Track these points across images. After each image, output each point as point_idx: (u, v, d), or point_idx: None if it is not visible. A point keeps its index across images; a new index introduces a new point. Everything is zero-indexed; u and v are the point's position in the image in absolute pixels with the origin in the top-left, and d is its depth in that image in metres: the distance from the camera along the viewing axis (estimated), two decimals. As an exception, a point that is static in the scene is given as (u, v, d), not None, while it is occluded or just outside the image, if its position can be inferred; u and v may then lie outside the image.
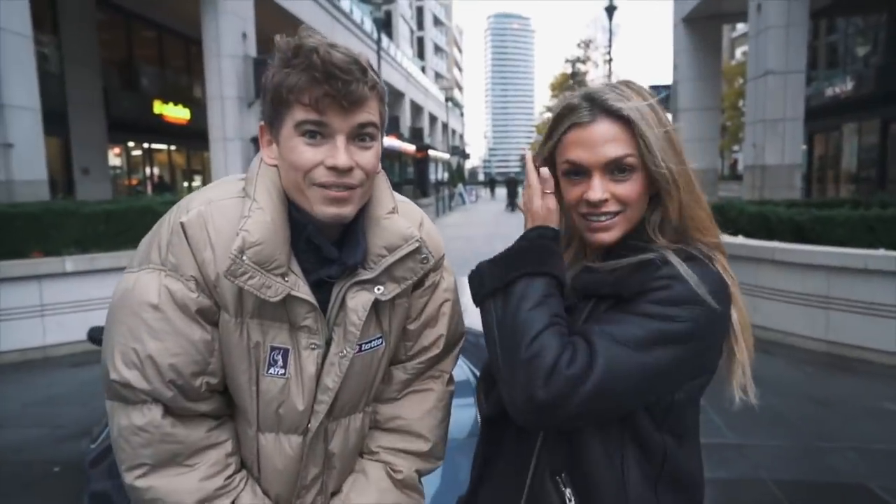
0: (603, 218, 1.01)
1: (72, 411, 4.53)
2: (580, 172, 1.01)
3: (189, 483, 1.01)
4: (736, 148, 43.90)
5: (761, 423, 4.09)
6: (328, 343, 1.08)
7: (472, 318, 1.17)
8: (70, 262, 5.99)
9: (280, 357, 1.05)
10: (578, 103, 1.01)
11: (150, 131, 18.42)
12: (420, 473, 1.22)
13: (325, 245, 1.05)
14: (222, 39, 12.77)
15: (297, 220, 1.04)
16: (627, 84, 1.03)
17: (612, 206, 1.00)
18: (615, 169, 0.99)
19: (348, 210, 1.01)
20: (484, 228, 19.20)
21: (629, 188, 0.99)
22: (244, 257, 0.96)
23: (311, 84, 0.94)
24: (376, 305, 1.10)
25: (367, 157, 1.01)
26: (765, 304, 6.14)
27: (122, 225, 6.30)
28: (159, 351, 0.98)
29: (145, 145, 19.36)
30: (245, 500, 1.07)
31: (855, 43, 19.06)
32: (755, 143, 13.97)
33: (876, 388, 4.80)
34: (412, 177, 22.99)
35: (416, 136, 35.29)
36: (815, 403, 4.55)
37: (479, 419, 1.21)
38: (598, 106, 0.99)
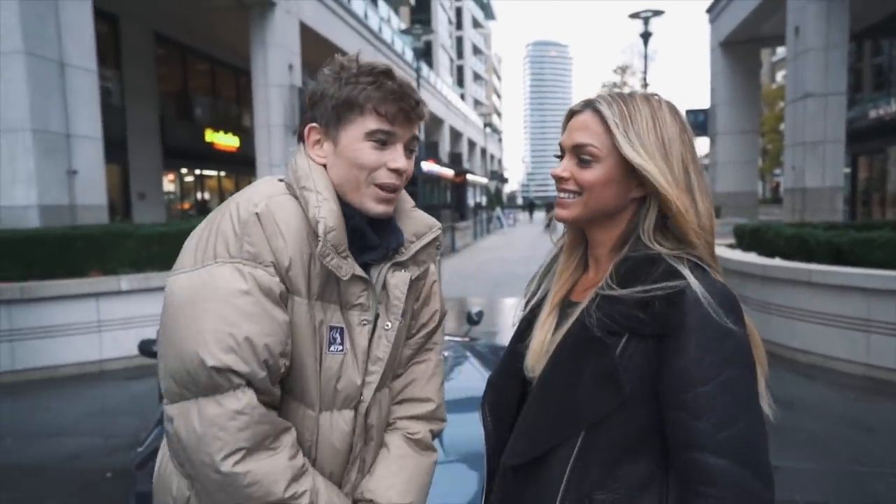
0: (563, 195, 1.08)
1: (124, 422, 4.68)
2: (562, 152, 1.11)
3: (280, 463, 1.05)
4: (777, 171, 42.94)
5: (797, 446, 3.99)
6: (376, 319, 1.19)
7: (506, 335, 1.22)
8: (125, 281, 6.23)
9: (338, 335, 1.14)
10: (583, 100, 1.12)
11: (201, 158, 18.98)
12: (433, 433, 1.33)
13: (369, 233, 1.16)
14: (270, 71, 13.19)
15: (344, 212, 1.14)
16: (645, 95, 1.07)
17: (570, 186, 1.07)
18: (579, 154, 1.06)
19: (392, 208, 1.18)
20: (520, 252, 19.16)
21: (588, 175, 1.04)
22: (328, 239, 1.07)
23: (387, 99, 1.10)
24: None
25: (411, 164, 1.18)
26: (803, 327, 6.00)
27: (174, 246, 6.47)
28: (256, 333, 1.03)
29: (197, 171, 19.94)
30: (319, 479, 1.13)
31: (899, 65, 18.55)
32: (795, 165, 13.70)
33: (919, 412, 4.64)
34: (450, 201, 23.18)
35: (454, 161, 35.60)
36: (853, 427, 4.41)
37: (485, 434, 1.22)
38: (589, 101, 1.09)
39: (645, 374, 0.96)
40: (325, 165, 1.16)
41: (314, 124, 1.16)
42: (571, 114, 1.11)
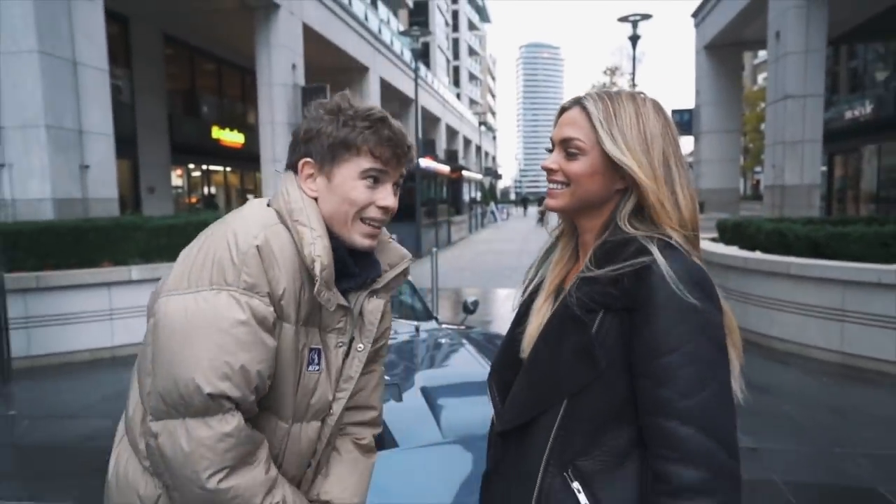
0: (552, 185, 1.10)
1: (136, 405, 4.70)
2: (552, 146, 1.13)
3: (258, 477, 1.08)
4: (758, 169, 43.01)
5: (776, 429, 4.04)
6: (350, 342, 1.24)
7: (500, 324, 1.24)
8: (136, 271, 6.23)
9: (316, 356, 1.18)
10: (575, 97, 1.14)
11: (208, 154, 18.92)
12: (374, 437, 1.41)
13: (351, 264, 1.20)
14: (274, 70, 13.15)
15: (332, 246, 1.16)
16: (631, 94, 1.09)
17: (559, 177, 1.09)
18: (567, 147, 1.08)
19: (376, 242, 1.22)
20: (514, 244, 19.19)
21: (575, 167, 1.07)
22: (321, 277, 1.10)
23: (382, 143, 1.14)
24: None
25: (396, 201, 1.21)
26: (781, 317, 6.04)
27: (182, 238, 6.52)
28: (250, 360, 1.04)
29: (204, 167, 19.88)
30: (287, 487, 1.17)
31: (875, 68, 18.61)
32: (774, 164, 13.74)
33: (890, 397, 4.69)
34: (446, 196, 23.18)
35: (450, 157, 35.51)
36: (829, 411, 4.46)
37: (490, 397, 1.24)
38: (577, 98, 1.11)
39: (620, 347, 0.98)
40: (315, 199, 1.16)
41: (308, 159, 1.16)
42: (562, 110, 1.13)
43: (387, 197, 1.16)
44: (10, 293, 5.52)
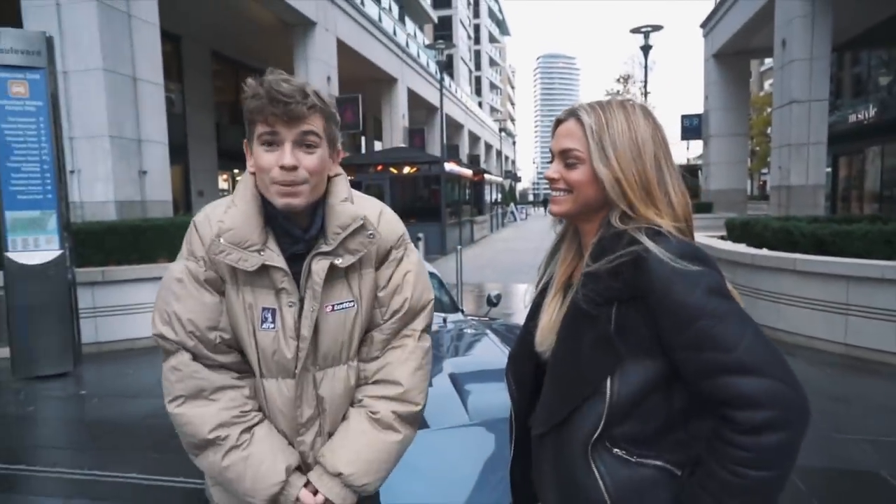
0: (555, 193, 1.11)
1: (190, 388, 4.80)
2: (552, 155, 1.13)
3: (210, 411, 1.17)
4: (765, 170, 42.04)
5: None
6: (302, 302, 1.20)
7: (520, 316, 1.25)
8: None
9: (269, 315, 1.19)
10: (569, 108, 1.13)
11: (251, 160, 19.18)
12: (398, 414, 1.26)
13: (291, 228, 1.20)
14: (310, 82, 13.25)
15: (271, 213, 1.20)
16: (621, 102, 1.08)
17: (560, 185, 1.09)
18: (566, 158, 1.08)
19: (297, 201, 1.16)
20: (531, 243, 19.08)
21: (575, 175, 1.07)
22: (221, 240, 1.15)
23: (263, 108, 1.12)
24: (344, 274, 1.23)
25: (311, 159, 1.16)
26: (788, 310, 5.93)
27: (230, 236, 6.62)
28: (181, 310, 1.17)
29: (248, 172, 20.16)
30: (261, 432, 1.21)
31: (878, 73, 18.08)
32: (781, 165, 13.46)
33: (891, 387, 4.57)
34: (469, 197, 23.14)
35: (473, 161, 35.43)
36: (833, 400, 4.37)
37: (511, 400, 1.23)
38: (573, 111, 1.10)
39: (644, 330, 0.97)
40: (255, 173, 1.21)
41: (245, 140, 1.22)
42: (558, 122, 1.12)
43: (283, 157, 1.12)
44: (80, 286, 5.67)
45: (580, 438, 1.01)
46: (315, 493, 1.21)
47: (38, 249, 5.18)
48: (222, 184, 18.15)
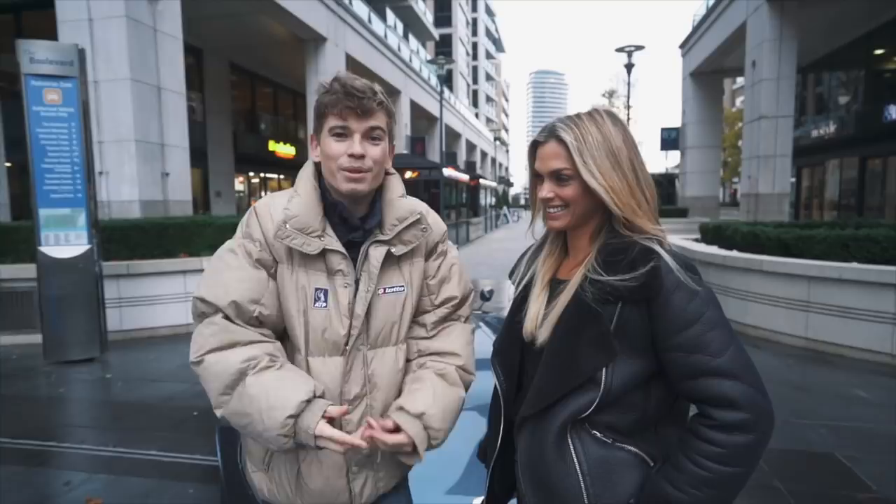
0: (552, 210, 1.09)
1: (207, 372, 4.78)
2: (539, 177, 1.10)
3: (239, 351, 1.12)
4: (736, 179, 42.17)
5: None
6: (357, 284, 1.19)
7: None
8: (206, 261, 6.33)
9: (322, 294, 1.17)
10: (543, 130, 1.10)
11: (265, 164, 19.14)
12: (461, 376, 1.27)
13: (351, 216, 1.20)
14: (322, 94, 13.24)
15: (331, 202, 1.20)
16: (590, 115, 1.07)
17: (557, 202, 1.08)
18: (557, 177, 1.06)
19: (362, 186, 1.17)
20: (523, 243, 18.97)
21: (568, 191, 1.06)
22: (287, 225, 1.14)
23: (337, 101, 1.14)
24: (397, 261, 1.23)
25: (376, 150, 1.18)
26: (754, 307, 5.96)
27: (245, 234, 6.60)
28: (228, 278, 1.15)
29: (262, 175, 20.12)
30: (290, 364, 1.16)
31: (837, 93, 18.16)
32: (750, 175, 13.52)
33: (847, 377, 4.60)
34: (466, 201, 23.15)
35: (470, 168, 35.40)
36: (794, 388, 4.40)
37: (498, 385, 1.20)
38: (551, 132, 1.07)
39: (641, 331, 0.98)
40: (318, 163, 1.23)
41: (312, 133, 1.24)
42: (536, 144, 1.10)
43: (353, 146, 1.14)
44: (107, 278, 5.65)
45: (562, 419, 1.01)
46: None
47: (68, 244, 5.16)
48: (238, 185, 18.13)
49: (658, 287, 0.96)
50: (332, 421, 1.09)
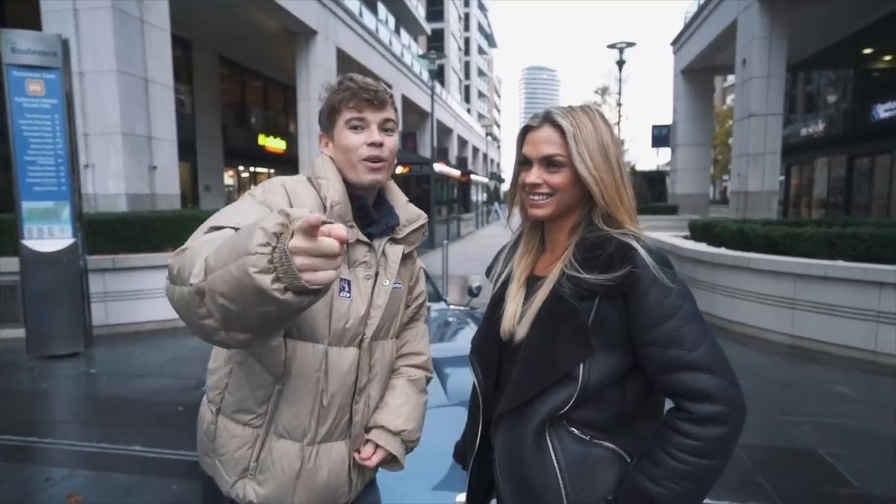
0: (537, 198, 1.07)
1: (192, 367, 4.76)
2: (527, 162, 1.08)
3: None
4: (725, 177, 42.47)
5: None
6: (376, 276, 1.23)
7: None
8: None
9: (346, 285, 1.17)
10: (536, 116, 1.10)
11: (255, 158, 19.01)
12: (426, 379, 1.41)
13: (371, 210, 1.23)
14: (311, 87, 13.15)
15: (353, 194, 1.21)
16: (583, 108, 1.07)
17: (544, 189, 1.06)
18: (548, 163, 1.05)
19: (381, 176, 1.22)
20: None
21: (558, 178, 1.05)
22: (334, 210, 1.15)
23: (353, 95, 1.18)
24: (403, 260, 1.30)
25: (391, 140, 1.23)
26: (742, 304, 6.01)
27: (234, 229, 6.55)
28: (244, 209, 1.05)
29: (251, 169, 19.98)
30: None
31: (826, 92, 18.31)
32: (739, 173, 13.61)
33: (831, 374, 4.65)
34: (457, 196, 23.11)
35: (461, 163, 35.35)
36: (779, 385, 4.44)
37: (477, 383, 1.19)
38: (546, 118, 1.07)
39: (618, 326, 0.98)
40: (332, 159, 1.24)
41: (321, 133, 1.27)
42: (528, 129, 1.09)
43: (372, 135, 1.18)
44: (92, 272, 5.59)
45: (540, 416, 1.01)
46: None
47: (52, 238, 5.09)
48: (228, 179, 17.99)
49: (635, 283, 0.96)
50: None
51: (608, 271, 0.97)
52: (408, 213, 1.31)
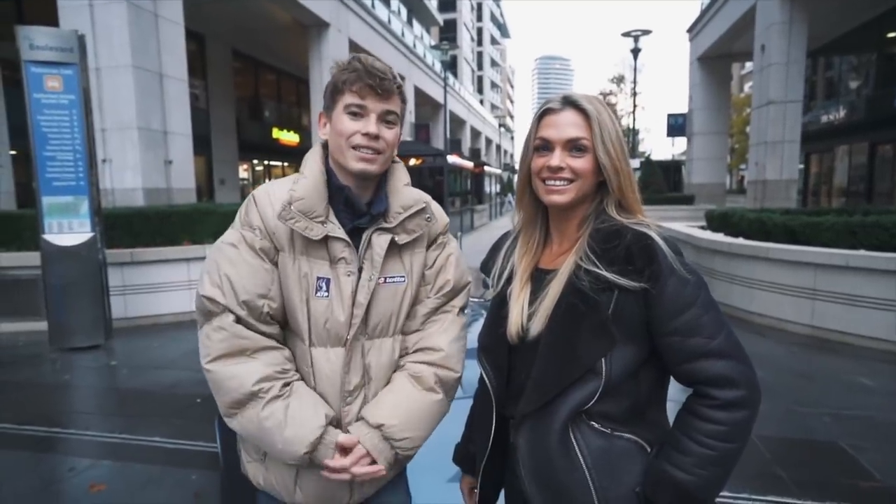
0: (559, 183, 1.04)
1: (211, 360, 4.81)
2: (547, 147, 1.05)
3: (255, 366, 1.09)
4: (743, 166, 41.80)
5: (750, 391, 3.97)
6: (360, 272, 1.16)
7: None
8: (209, 249, 6.34)
9: (324, 284, 1.14)
10: (554, 99, 1.07)
11: (269, 151, 19.12)
12: (438, 377, 1.21)
13: (357, 201, 1.17)
14: (324, 79, 13.00)
15: (337, 185, 1.17)
16: (599, 99, 1.07)
17: (566, 174, 1.03)
18: (573, 147, 1.03)
19: (373, 167, 1.15)
20: (527, 230, 18.94)
21: (581, 163, 1.03)
22: (292, 207, 1.11)
23: (357, 79, 1.12)
24: (399, 250, 1.21)
25: (390, 133, 1.16)
26: (760, 294, 5.92)
27: (249, 222, 6.59)
28: (234, 274, 1.11)
29: (265, 162, 20.11)
30: (300, 386, 1.14)
31: (848, 77, 17.87)
32: (757, 161, 13.38)
33: (852, 365, 4.57)
34: (470, 188, 23.05)
35: (474, 155, 35.30)
36: (799, 377, 4.37)
37: (488, 382, 1.14)
38: (568, 101, 1.05)
39: (637, 318, 0.96)
40: (325, 144, 1.20)
41: (322, 111, 1.22)
42: (547, 111, 1.05)
43: (369, 125, 1.12)
44: (111, 266, 5.67)
45: (564, 414, 0.99)
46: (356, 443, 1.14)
47: (71, 232, 5.17)
48: (242, 173, 18.13)
49: (655, 272, 0.95)
50: (343, 450, 1.13)
51: (628, 263, 0.95)
52: (402, 199, 1.21)
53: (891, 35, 15.24)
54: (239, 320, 1.10)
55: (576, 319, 0.98)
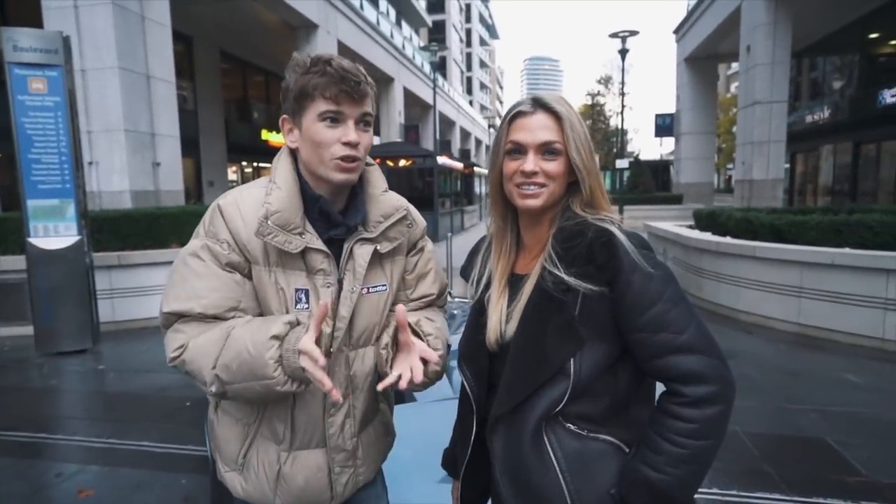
0: (532, 187, 1.02)
1: (201, 363, 4.78)
2: (519, 151, 1.03)
3: (218, 327, 1.05)
4: (730, 165, 42.21)
5: (739, 389, 3.95)
6: (340, 283, 1.12)
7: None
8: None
9: (303, 295, 1.10)
10: (524, 101, 1.06)
11: (258, 153, 18.96)
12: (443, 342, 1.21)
13: (332, 211, 1.12)
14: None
15: (311, 195, 1.11)
16: (565, 98, 1.06)
17: (540, 178, 1.02)
18: (546, 150, 1.02)
19: (354, 176, 1.11)
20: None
21: (554, 167, 1.02)
22: (269, 221, 1.05)
23: (330, 84, 1.04)
24: (380, 259, 1.18)
25: (367, 137, 1.11)
26: (747, 293, 5.98)
27: (238, 224, 6.55)
28: (201, 287, 1.06)
29: (255, 164, 19.97)
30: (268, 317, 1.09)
31: (832, 78, 18.11)
32: (744, 161, 13.52)
33: (838, 362, 4.63)
34: (460, 189, 23.06)
35: (464, 155, 35.25)
36: (785, 374, 4.42)
37: (468, 389, 1.14)
38: (539, 104, 1.03)
39: (605, 315, 0.95)
40: (295, 151, 1.14)
41: (285, 116, 1.13)
42: (518, 114, 1.03)
43: (348, 133, 1.06)
44: (98, 269, 5.61)
45: (536, 416, 0.99)
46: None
47: (57, 235, 5.11)
48: (231, 175, 17.97)
49: (617, 268, 0.93)
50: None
51: (589, 261, 0.95)
52: (382, 208, 1.17)
53: (873, 36, 15.47)
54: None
55: (543, 321, 0.98)
